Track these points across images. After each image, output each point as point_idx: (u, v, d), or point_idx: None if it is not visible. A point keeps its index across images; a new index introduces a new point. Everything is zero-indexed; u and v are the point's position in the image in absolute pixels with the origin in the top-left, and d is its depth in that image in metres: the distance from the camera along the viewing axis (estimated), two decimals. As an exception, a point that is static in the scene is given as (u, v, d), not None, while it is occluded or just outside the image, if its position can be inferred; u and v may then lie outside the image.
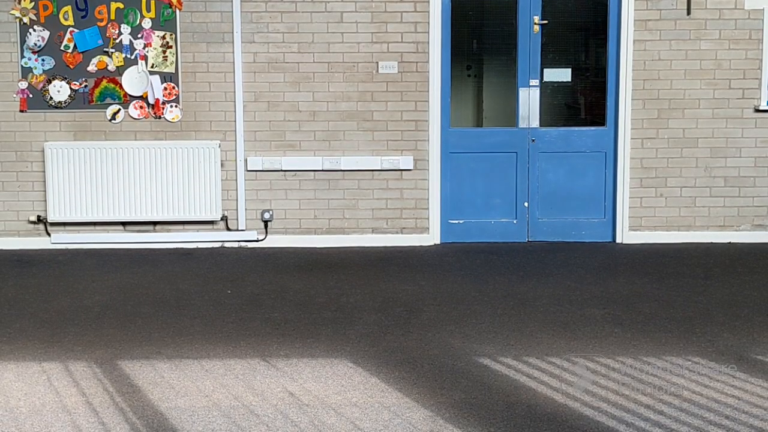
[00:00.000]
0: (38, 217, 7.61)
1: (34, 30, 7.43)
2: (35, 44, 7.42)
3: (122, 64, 7.50)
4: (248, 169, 7.62)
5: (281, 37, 7.54)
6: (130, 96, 7.54)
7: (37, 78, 7.49)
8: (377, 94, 7.60)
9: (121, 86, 7.52)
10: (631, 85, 7.59)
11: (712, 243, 7.68)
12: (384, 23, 7.54)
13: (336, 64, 7.56)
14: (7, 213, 7.64)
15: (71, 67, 7.48)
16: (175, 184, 7.53)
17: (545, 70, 7.72)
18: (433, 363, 4.67)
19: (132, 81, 7.53)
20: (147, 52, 7.49)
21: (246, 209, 7.67)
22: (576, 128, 7.82)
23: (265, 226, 7.69)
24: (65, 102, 7.52)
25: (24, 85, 7.49)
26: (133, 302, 5.92)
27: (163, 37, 7.49)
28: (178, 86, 7.53)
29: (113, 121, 7.56)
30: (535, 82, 7.68)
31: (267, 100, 7.59)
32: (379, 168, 7.63)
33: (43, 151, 7.54)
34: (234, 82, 7.54)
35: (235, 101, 7.56)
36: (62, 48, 7.46)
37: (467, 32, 7.99)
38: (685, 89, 7.62)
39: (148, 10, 7.46)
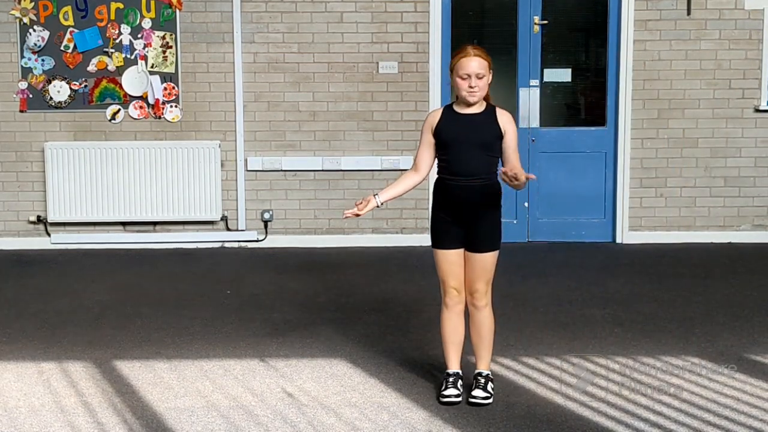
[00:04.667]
0: (38, 217, 7.61)
1: (34, 30, 7.42)
2: (35, 44, 7.42)
3: (122, 64, 7.50)
4: (248, 169, 7.62)
5: (281, 37, 7.54)
6: (130, 96, 7.54)
7: (37, 78, 7.49)
8: (377, 94, 7.60)
9: (121, 86, 7.52)
10: (631, 85, 7.58)
11: (712, 243, 7.67)
12: (384, 23, 7.53)
13: (336, 64, 7.56)
14: (7, 213, 7.64)
15: (71, 67, 7.48)
16: (175, 185, 7.53)
17: (545, 70, 7.72)
18: (432, 363, 4.66)
19: (132, 81, 7.52)
20: (147, 52, 7.49)
21: (246, 209, 7.67)
22: (576, 128, 7.82)
23: (265, 227, 7.69)
24: (65, 102, 7.52)
25: (24, 85, 7.49)
26: (133, 302, 5.92)
27: (163, 38, 7.48)
28: (178, 86, 7.53)
29: (113, 121, 7.56)
30: (535, 82, 7.68)
31: (267, 100, 7.58)
32: (380, 168, 7.63)
33: (43, 151, 7.54)
34: (234, 82, 7.54)
35: (235, 101, 7.56)
36: (62, 48, 7.46)
37: (467, 32, 7.98)
38: (685, 89, 7.62)
39: (148, 10, 7.46)
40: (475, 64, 4.07)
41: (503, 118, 4.17)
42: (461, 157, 4.10)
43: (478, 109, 4.16)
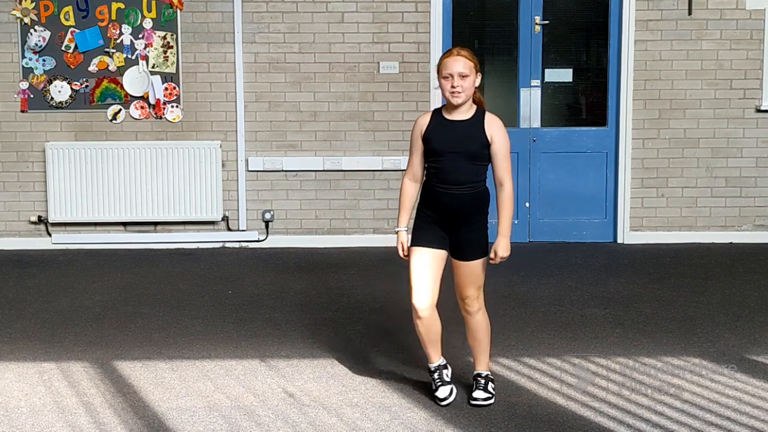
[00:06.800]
0: (39, 217, 7.61)
1: (35, 30, 7.43)
2: (36, 44, 7.43)
3: (123, 64, 7.50)
4: (249, 169, 7.62)
5: (282, 37, 7.54)
6: (131, 96, 7.54)
7: (38, 78, 7.49)
8: (378, 95, 7.60)
9: (122, 86, 7.52)
10: (632, 85, 7.58)
11: (713, 243, 7.67)
12: (385, 23, 7.53)
13: (337, 64, 7.56)
14: (8, 213, 7.64)
15: (72, 67, 7.48)
16: (176, 185, 7.53)
17: (546, 70, 7.72)
18: (433, 364, 4.66)
19: (133, 81, 7.53)
20: (148, 52, 7.49)
21: (247, 209, 7.67)
22: (577, 128, 7.82)
23: (266, 227, 7.69)
24: (66, 102, 7.52)
25: (25, 85, 7.49)
26: (134, 302, 5.92)
27: (164, 38, 7.49)
28: (179, 86, 7.53)
29: (114, 121, 7.57)
30: (536, 82, 7.68)
31: (268, 100, 7.58)
32: (380, 168, 7.63)
33: (44, 151, 7.54)
34: (235, 82, 7.54)
35: (236, 101, 7.56)
36: (63, 48, 7.46)
37: (468, 32, 7.98)
38: (686, 89, 7.62)
39: (149, 11, 7.46)
40: (458, 63, 3.99)
41: (491, 125, 4.06)
42: (448, 166, 4.04)
43: (467, 114, 4.08)
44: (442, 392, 4.14)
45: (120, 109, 7.56)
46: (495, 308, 5.71)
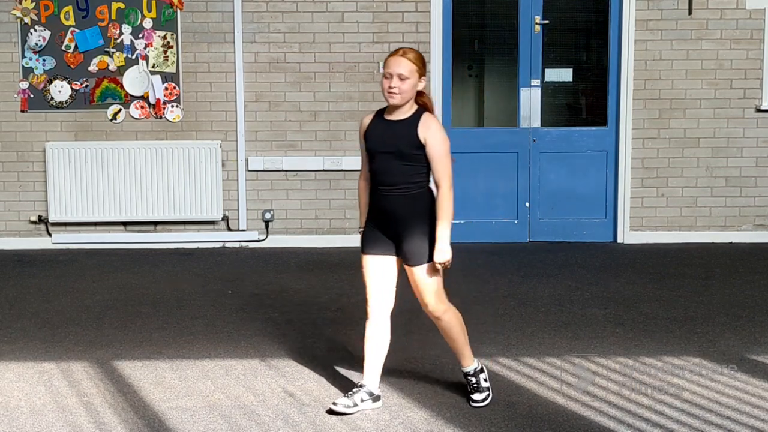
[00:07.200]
0: (39, 217, 7.61)
1: (35, 30, 7.43)
2: (36, 44, 7.42)
3: (123, 64, 7.50)
4: (249, 169, 7.62)
5: (282, 37, 7.54)
6: (131, 96, 7.54)
7: (38, 78, 7.49)
8: (378, 94, 7.57)
9: (122, 86, 7.52)
10: (633, 84, 7.58)
11: (713, 243, 7.66)
12: (385, 23, 7.53)
13: (337, 64, 7.56)
14: (8, 213, 7.64)
15: (72, 67, 7.48)
16: (176, 184, 7.53)
17: (546, 69, 7.72)
18: (433, 363, 4.67)
19: (133, 81, 7.52)
20: (148, 52, 7.49)
21: (247, 209, 7.66)
22: (577, 128, 7.82)
23: (266, 226, 7.69)
24: (66, 102, 7.52)
25: (25, 85, 7.49)
26: (134, 302, 5.92)
27: (164, 37, 7.48)
28: (179, 86, 7.53)
29: (114, 121, 7.56)
30: (536, 81, 7.68)
31: (268, 100, 7.58)
32: (380, 168, 7.62)
33: (44, 151, 7.54)
34: (235, 82, 7.54)
35: (236, 101, 7.56)
36: (63, 48, 7.46)
37: (468, 32, 7.99)
38: (687, 89, 7.62)
39: (149, 10, 7.46)
40: (401, 65, 3.90)
41: (424, 126, 3.94)
42: (381, 166, 3.99)
43: (405, 114, 3.98)
44: (341, 400, 4.03)
45: (120, 109, 7.55)
46: (495, 308, 5.72)
